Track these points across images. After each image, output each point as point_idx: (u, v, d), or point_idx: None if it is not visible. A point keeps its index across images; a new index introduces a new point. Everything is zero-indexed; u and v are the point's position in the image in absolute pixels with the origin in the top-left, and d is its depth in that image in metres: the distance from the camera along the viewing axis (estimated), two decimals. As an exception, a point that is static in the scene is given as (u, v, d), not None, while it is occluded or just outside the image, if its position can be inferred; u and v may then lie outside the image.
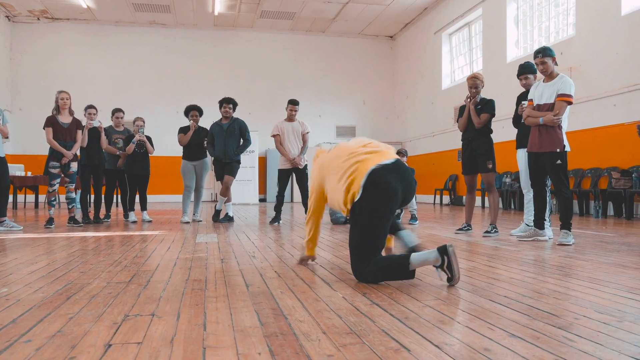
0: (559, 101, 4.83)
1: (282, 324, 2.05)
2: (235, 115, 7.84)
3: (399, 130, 18.47)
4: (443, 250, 2.76)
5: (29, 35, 16.30)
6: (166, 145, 15.52)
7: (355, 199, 2.91)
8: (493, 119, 5.82)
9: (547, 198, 5.21)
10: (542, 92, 5.00)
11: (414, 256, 2.82)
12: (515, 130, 5.86)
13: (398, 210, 7.64)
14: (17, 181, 11.72)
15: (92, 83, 16.63)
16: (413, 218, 7.36)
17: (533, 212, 5.23)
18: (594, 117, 9.56)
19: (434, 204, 14.62)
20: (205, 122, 8.39)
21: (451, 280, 2.79)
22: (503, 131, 12.15)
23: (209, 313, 2.24)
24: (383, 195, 2.88)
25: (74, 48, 16.59)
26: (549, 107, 4.89)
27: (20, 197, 14.32)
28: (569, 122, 5.13)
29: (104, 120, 8.13)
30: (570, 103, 4.84)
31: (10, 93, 16.11)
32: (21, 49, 16.28)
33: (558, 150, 4.83)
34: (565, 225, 4.84)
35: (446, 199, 14.84)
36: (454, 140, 13.81)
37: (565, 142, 4.88)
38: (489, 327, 1.97)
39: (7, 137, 6.36)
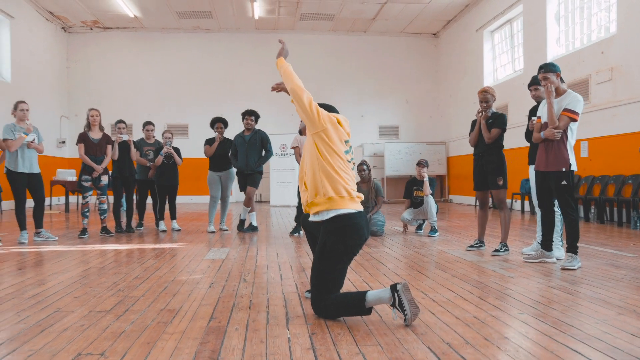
0: (562, 115, 4.69)
1: (208, 372, 2.17)
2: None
3: (443, 130, 18.16)
4: (393, 288, 2.81)
5: (83, 44, 17.17)
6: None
7: (318, 215, 3.06)
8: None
9: (557, 218, 5.07)
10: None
11: (370, 294, 2.89)
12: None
13: (420, 221, 7.60)
14: (69, 185, 12.44)
15: (141, 87, 17.35)
16: (433, 230, 7.30)
17: None
18: (637, 120, 9.09)
19: (475, 205, 14.33)
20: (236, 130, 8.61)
21: (405, 320, 2.82)
22: (544, 133, 11.75)
23: (152, 354, 2.39)
24: (357, 243, 3.03)
25: (124, 55, 17.32)
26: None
27: (73, 199, 15.13)
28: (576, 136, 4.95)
29: (136, 132, 8.51)
30: (573, 120, 4.68)
31: (67, 100, 17.05)
32: (76, 58, 17.17)
33: (564, 169, 4.69)
34: (572, 248, 4.70)
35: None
36: (495, 142, 13.45)
37: (572, 161, 4.73)
38: (400, 384, 2.01)
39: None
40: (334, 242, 2.98)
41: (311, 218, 3.18)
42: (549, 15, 11.90)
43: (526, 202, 12.24)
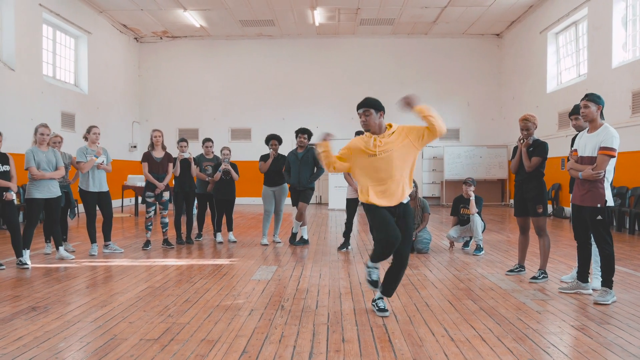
0: (600, 155, 4.68)
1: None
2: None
3: (505, 133, 17.79)
4: None
5: (153, 53, 18.21)
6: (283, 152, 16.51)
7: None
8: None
9: (594, 250, 5.07)
10: (585, 144, 4.86)
11: None
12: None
13: (466, 238, 7.71)
14: (138, 190, 13.33)
15: (206, 92, 18.20)
16: (478, 248, 7.37)
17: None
18: None
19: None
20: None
21: None
22: (607, 142, 11.38)
23: (185, 392, 2.77)
24: None
25: (191, 62, 18.20)
26: (591, 161, 4.75)
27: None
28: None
29: (202, 134, 9.08)
30: (612, 157, 4.67)
31: (139, 106, 18.15)
32: (147, 66, 18.23)
33: (599, 205, 4.70)
34: (607, 282, 4.72)
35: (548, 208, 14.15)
36: (557, 148, 13.06)
37: (608, 197, 4.72)
38: None
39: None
40: None
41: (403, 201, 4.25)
42: (615, 18, 11.46)
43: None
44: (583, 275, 5.02)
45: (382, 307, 4.29)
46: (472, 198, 7.54)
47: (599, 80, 11.89)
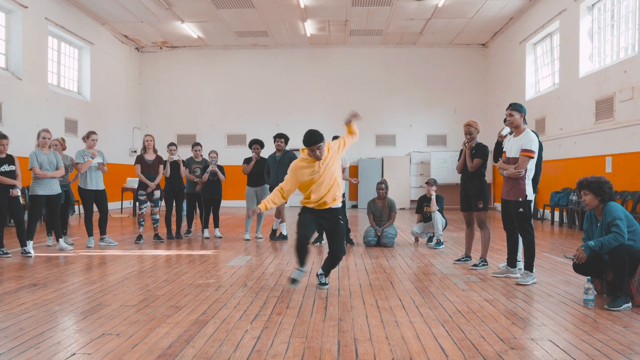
0: (521, 156, 5.45)
1: None
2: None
3: (490, 139, 18.41)
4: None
5: (153, 62, 19.10)
6: (266, 155, 17.29)
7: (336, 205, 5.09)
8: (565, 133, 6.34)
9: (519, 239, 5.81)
10: (511, 146, 5.63)
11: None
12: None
13: (430, 234, 8.44)
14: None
15: (204, 100, 19.07)
16: (438, 243, 8.11)
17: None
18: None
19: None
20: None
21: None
22: (575, 147, 12.13)
23: (149, 336, 3.54)
24: None
25: (189, 70, 19.09)
26: (516, 161, 5.51)
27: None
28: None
29: (198, 139, 9.89)
30: (531, 157, 5.42)
31: (139, 113, 19.03)
32: (147, 74, 19.12)
33: (520, 199, 5.45)
34: (528, 266, 5.47)
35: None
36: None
37: (528, 192, 5.47)
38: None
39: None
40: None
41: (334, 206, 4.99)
42: (582, 31, 12.20)
43: (556, 213, 12.60)
44: (512, 261, 5.77)
45: (323, 282, 5.14)
46: (433, 197, 8.29)
47: (568, 89, 12.65)
